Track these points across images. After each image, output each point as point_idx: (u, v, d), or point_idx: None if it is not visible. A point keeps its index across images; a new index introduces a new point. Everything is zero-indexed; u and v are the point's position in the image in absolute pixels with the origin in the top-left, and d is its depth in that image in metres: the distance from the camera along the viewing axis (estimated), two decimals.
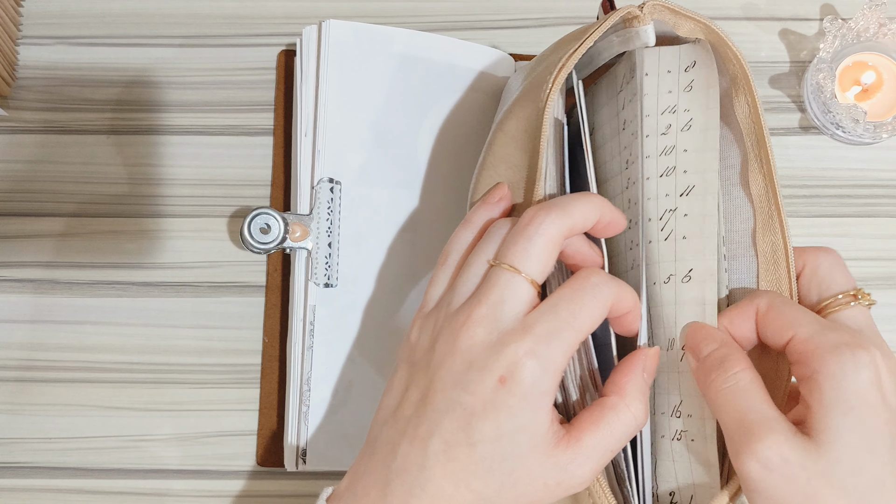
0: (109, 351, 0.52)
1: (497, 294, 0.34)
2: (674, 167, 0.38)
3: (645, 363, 0.35)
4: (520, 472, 0.33)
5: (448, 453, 0.33)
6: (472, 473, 0.33)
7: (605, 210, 0.36)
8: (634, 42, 0.39)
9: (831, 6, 0.56)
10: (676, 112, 0.39)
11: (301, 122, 0.49)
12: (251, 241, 0.47)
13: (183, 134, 0.55)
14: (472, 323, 0.34)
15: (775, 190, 0.38)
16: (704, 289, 0.37)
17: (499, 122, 0.42)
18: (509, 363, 0.32)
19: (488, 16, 0.56)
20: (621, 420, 0.34)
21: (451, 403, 0.33)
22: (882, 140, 0.53)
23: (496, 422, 0.32)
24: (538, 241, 0.34)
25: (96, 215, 0.53)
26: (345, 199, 0.48)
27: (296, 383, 0.47)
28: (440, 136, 0.51)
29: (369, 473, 0.35)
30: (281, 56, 0.55)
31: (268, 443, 0.51)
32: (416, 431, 0.34)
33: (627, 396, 0.34)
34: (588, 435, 0.33)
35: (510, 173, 0.40)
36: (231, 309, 0.53)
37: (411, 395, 0.35)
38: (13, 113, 0.55)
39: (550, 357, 0.32)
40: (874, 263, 0.53)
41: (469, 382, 0.33)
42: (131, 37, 0.56)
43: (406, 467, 0.34)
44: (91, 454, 0.51)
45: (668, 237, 0.38)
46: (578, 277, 0.34)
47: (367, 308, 0.48)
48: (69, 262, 0.53)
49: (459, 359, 0.33)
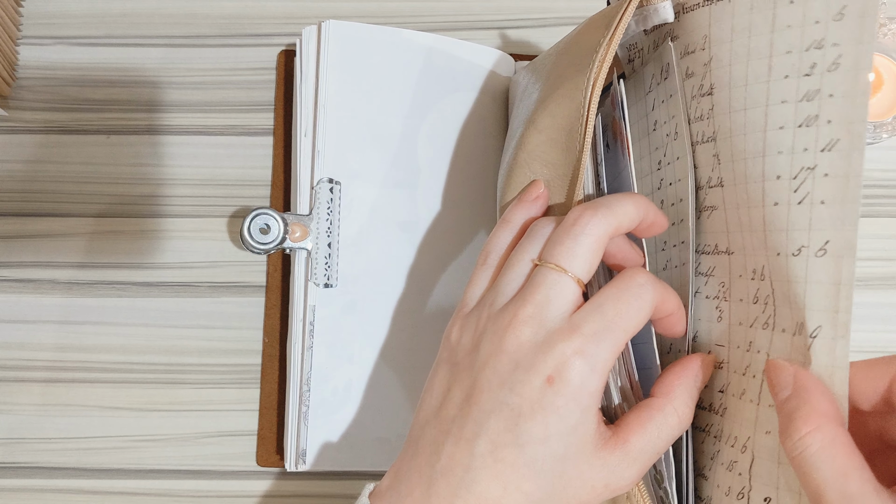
0: (109, 351, 0.52)
1: (543, 293, 0.33)
2: (816, 115, 0.31)
3: (699, 368, 0.35)
4: (570, 473, 0.32)
5: (495, 454, 0.32)
6: (522, 476, 0.32)
7: (650, 210, 0.35)
8: (652, 18, 0.38)
9: None
10: (824, 48, 0.31)
11: (301, 123, 0.49)
12: (251, 241, 0.47)
13: (183, 134, 0.55)
14: (518, 322, 0.33)
15: None
16: (842, 266, 0.31)
17: (530, 119, 0.41)
18: (557, 363, 0.32)
19: (488, 16, 0.56)
20: (668, 422, 0.34)
21: (498, 404, 0.33)
22: (882, 140, 0.53)
23: (544, 423, 0.32)
24: (584, 241, 0.33)
25: (96, 215, 0.53)
26: (344, 199, 0.48)
27: (296, 383, 0.47)
28: (440, 137, 0.51)
29: (413, 473, 0.34)
30: (281, 56, 0.55)
31: (268, 443, 0.51)
32: (462, 432, 0.33)
33: (676, 399, 0.34)
34: (635, 437, 0.33)
35: (546, 171, 0.39)
36: (231, 309, 0.53)
37: (455, 396, 0.34)
38: (13, 113, 0.55)
39: (599, 356, 0.32)
40: (874, 263, 0.53)
41: (516, 383, 0.32)
42: (131, 37, 0.56)
43: (451, 468, 0.33)
44: (91, 454, 0.51)
45: (803, 201, 0.32)
46: (623, 277, 0.34)
47: (366, 308, 0.48)
48: (69, 262, 0.53)
49: (506, 359, 0.33)
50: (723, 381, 0.37)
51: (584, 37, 0.40)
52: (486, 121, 0.52)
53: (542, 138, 0.39)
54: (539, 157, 0.39)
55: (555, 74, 0.41)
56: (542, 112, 0.40)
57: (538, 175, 0.39)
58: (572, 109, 0.38)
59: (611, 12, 0.38)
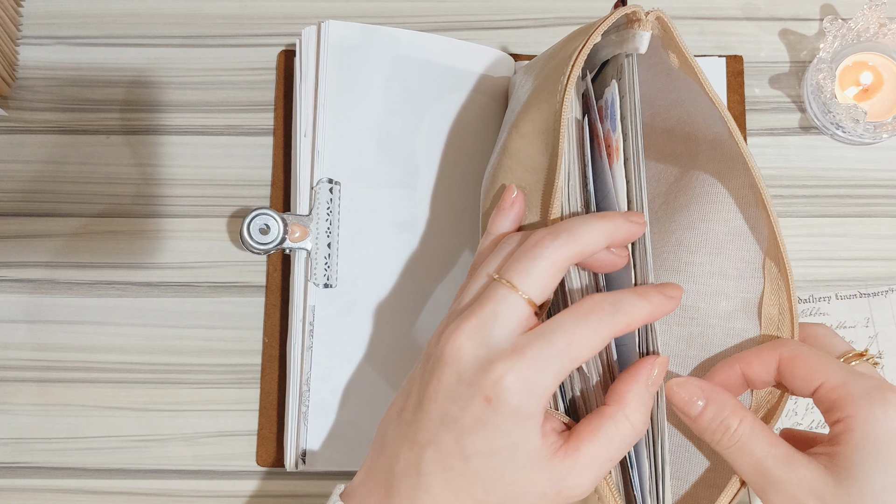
0: (109, 351, 0.52)
1: (490, 308, 0.34)
2: None
3: (650, 373, 0.35)
4: (521, 482, 0.33)
5: (444, 463, 0.33)
6: (471, 483, 0.33)
7: (620, 233, 0.35)
8: (629, 44, 0.39)
9: (831, 6, 0.56)
10: None
11: (301, 123, 0.49)
12: (251, 241, 0.47)
13: (183, 134, 0.55)
14: (460, 333, 0.34)
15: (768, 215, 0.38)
16: None
17: (512, 124, 0.41)
18: (495, 384, 0.32)
19: (488, 16, 0.56)
20: (619, 430, 0.34)
21: (444, 415, 0.33)
22: (882, 140, 0.53)
23: (487, 439, 0.33)
24: (541, 264, 0.34)
25: (96, 215, 0.54)
26: (344, 199, 0.48)
27: (295, 383, 0.47)
28: (439, 137, 0.51)
29: (378, 472, 0.36)
30: (281, 56, 0.55)
31: (267, 443, 0.51)
32: (416, 437, 0.34)
33: (627, 406, 0.34)
34: (586, 445, 0.34)
35: (527, 176, 0.39)
36: (231, 309, 0.53)
37: (412, 399, 0.35)
38: (13, 113, 0.55)
39: (538, 382, 0.32)
40: (874, 263, 0.53)
41: (459, 396, 0.33)
42: (131, 37, 0.56)
43: (407, 471, 0.34)
44: (91, 454, 0.51)
45: None
46: (583, 307, 0.34)
47: (366, 308, 0.48)
48: (69, 262, 0.53)
49: (448, 371, 0.34)
50: None
51: (568, 43, 0.40)
52: (485, 121, 0.52)
53: (523, 143, 0.40)
54: (522, 161, 0.39)
55: (540, 79, 0.41)
56: (525, 116, 0.40)
57: (521, 180, 0.39)
58: (550, 113, 0.38)
59: (598, 21, 0.39)
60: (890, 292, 0.53)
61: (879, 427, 0.33)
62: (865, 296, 0.53)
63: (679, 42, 0.38)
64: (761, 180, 0.38)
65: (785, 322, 0.38)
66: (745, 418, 0.35)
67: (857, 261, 0.53)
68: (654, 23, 0.39)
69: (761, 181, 0.38)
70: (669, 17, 0.38)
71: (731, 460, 0.35)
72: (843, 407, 0.34)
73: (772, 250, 0.38)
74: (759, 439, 0.34)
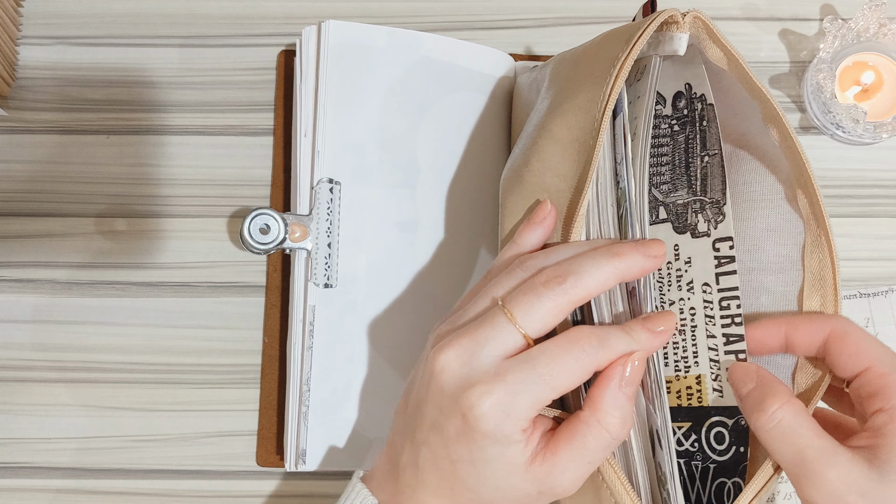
0: (109, 351, 0.52)
1: (484, 333, 0.34)
2: None
3: (623, 374, 0.35)
4: (503, 486, 0.35)
5: (436, 463, 0.35)
6: (461, 484, 0.35)
7: (631, 272, 0.35)
8: (665, 47, 0.39)
9: (831, 6, 0.56)
10: None
11: (301, 123, 0.49)
12: (251, 241, 0.47)
13: (183, 134, 0.55)
14: (450, 350, 0.34)
15: (821, 210, 0.38)
16: None
17: (543, 126, 0.41)
18: (473, 405, 0.33)
19: (488, 16, 0.56)
20: (594, 435, 0.34)
21: (434, 421, 0.35)
22: (882, 140, 0.53)
23: (468, 450, 0.34)
24: (546, 304, 0.34)
25: (96, 215, 0.54)
26: (344, 199, 0.48)
27: (295, 383, 0.47)
28: (440, 137, 0.51)
29: (389, 462, 0.38)
30: (281, 56, 0.55)
31: (268, 443, 0.51)
32: (414, 435, 0.36)
33: (600, 412, 0.34)
34: (563, 449, 0.34)
35: (556, 182, 0.39)
36: (231, 309, 0.53)
37: (413, 396, 0.37)
38: (13, 113, 0.55)
39: (516, 407, 0.33)
40: (874, 263, 0.53)
41: (444, 407, 0.34)
42: (131, 37, 0.56)
43: (408, 465, 0.37)
44: (91, 454, 0.51)
45: None
46: (570, 337, 0.34)
47: (366, 308, 0.48)
48: (69, 262, 0.53)
49: (436, 382, 0.35)
50: None
51: (603, 49, 0.40)
52: (485, 121, 0.52)
53: (556, 148, 0.40)
54: (552, 167, 0.39)
55: (572, 83, 0.41)
56: (559, 121, 0.40)
57: (550, 185, 0.39)
58: (587, 122, 0.38)
59: (632, 28, 0.38)
60: (890, 292, 0.53)
61: None
62: (865, 296, 0.53)
63: (722, 39, 0.38)
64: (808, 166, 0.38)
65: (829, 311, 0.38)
66: (787, 403, 0.34)
67: (857, 261, 0.53)
68: (692, 23, 0.38)
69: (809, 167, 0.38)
70: (707, 17, 0.38)
71: (770, 445, 0.34)
72: (889, 396, 0.33)
73: (816, 241, 0.39)
74: (803, 428, 0.34)
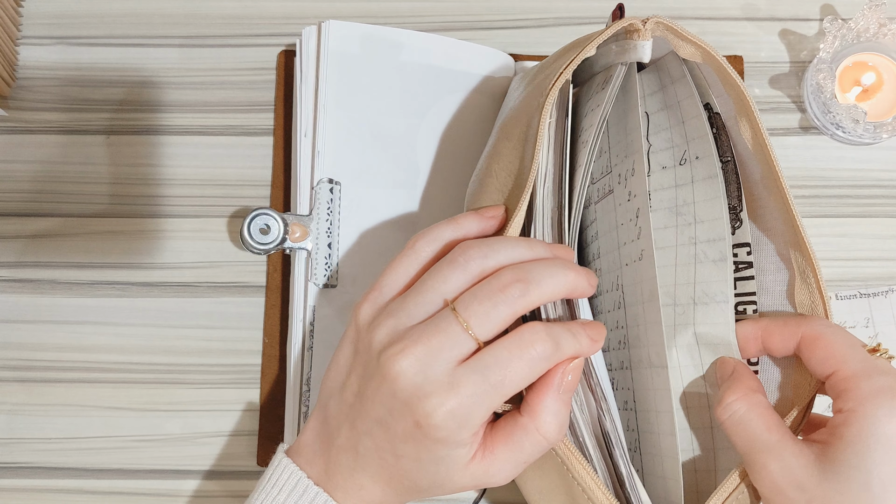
0: (109, 351, 0.52)
1: (438, 341, 0.34)
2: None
3: (561, 382, 0.35)
4: (442, 479, 0.36)
5: (378, 454, 0.36)
6: (402, 474, 0.36)
7: (578, 289, 0.36)
8: (631, 55, 0.40)
9: (831, 6, 0.56)
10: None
11: (301, 123, 0.49)
12: (251, 241, 0.47)
13: (182, 134, 0.55)
14: (404, 358, 0.34)
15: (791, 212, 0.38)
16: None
17: (501, 128, 0.42)
18: (427, 414, 0.34)
19: (488, 16, 0.56)
20: (531, 441, 0.36)
21: (380, 418, 0.35)
22: (882, 140, 0.53)
23: (415, 450, 0.35)
24: (503, 311, 0.35)
25: (96, 215, 0.54)
26: (344, 199, 0.48)
27: (296, 383, 0.47)
28: (439, 137, 0.51)
29: (321, 439, 0.38)
30: (281, 56, 0.55)
31: (267, 443, 0.51)
32: (355, 423, 0.36)
33: (538, 417, 0.35)
34: (501, 449, 0.36)
35: (510, 181, 0.39)
36: (231, 309, 0.53)
37: (352, 383, 0.37)
38: (13, 113, 0.55)
39: (470, 416, 0.34)
40: (874, 263, 0.53)
41: (394, 409, 0.35)
42: (131, 37, 0.56)
43: (346, 449, 0.37)
44: (91, 454, 0.51)
45: None
46: (521, 341, 0.35)
47: None
48: (69, 262, 0.53)
49: (387, 385, 0.35)
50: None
51: (563, 54, 0.40)
52: (485, 121, 0.52)
53: (510, 147, 0.40)
54: (505, 167, 0.40)
55: (532, 86, 0.41)
56: (513, 121, 0.41)
57: (504, 185, 0.40)
58: (532, 120, 0.39)
59: (594, 34, 0.39)
60: (890, 292, 0.53)
61: (878, 429, 0.33)
62: (865, 296, 0.53)
63: (690, 35, 0.38)
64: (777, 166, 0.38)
65: (818, 307, 0.39)
66: (743, 397, 0.36)
67: (857, 261, 0.53)
68: (655, 27, 0.38)
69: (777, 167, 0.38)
70: (669, 18, 0.38)
71: (728, 435, 0.36)
72: (849, 400, 0.34)
73: (793, 239, 0.39)
74: (754, 421, 0.35)
